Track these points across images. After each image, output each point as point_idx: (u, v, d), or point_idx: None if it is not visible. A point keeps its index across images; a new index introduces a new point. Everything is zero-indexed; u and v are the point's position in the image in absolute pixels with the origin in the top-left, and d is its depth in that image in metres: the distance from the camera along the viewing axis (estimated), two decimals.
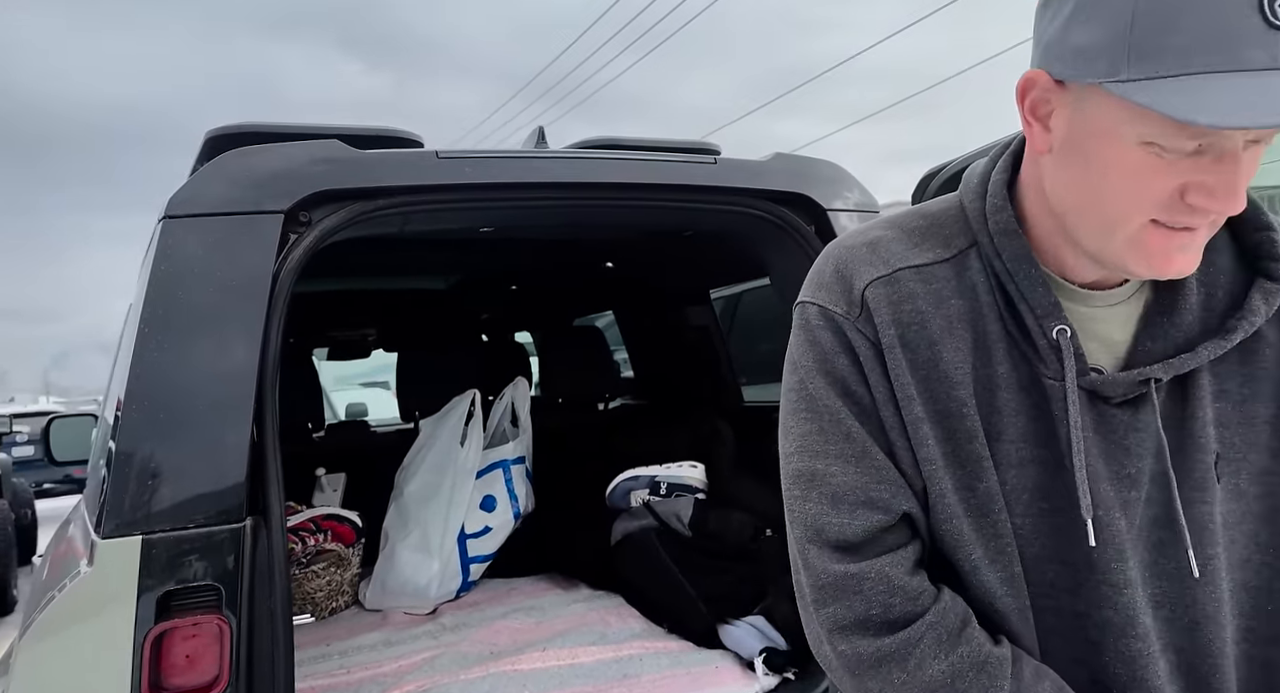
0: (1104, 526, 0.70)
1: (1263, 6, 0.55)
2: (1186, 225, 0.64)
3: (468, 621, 2.15)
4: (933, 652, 0.69)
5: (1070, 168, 0.67)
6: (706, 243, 2.37)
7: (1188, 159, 0.61)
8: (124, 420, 1.24)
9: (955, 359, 0.72)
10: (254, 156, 1.37)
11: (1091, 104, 0.63)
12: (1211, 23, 0.56)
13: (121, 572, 1.19)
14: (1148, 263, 0.66)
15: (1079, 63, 0.62)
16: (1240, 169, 0.61)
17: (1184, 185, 0.62)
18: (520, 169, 1.54)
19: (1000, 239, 0.72)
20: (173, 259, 1.29)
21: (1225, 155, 0.61)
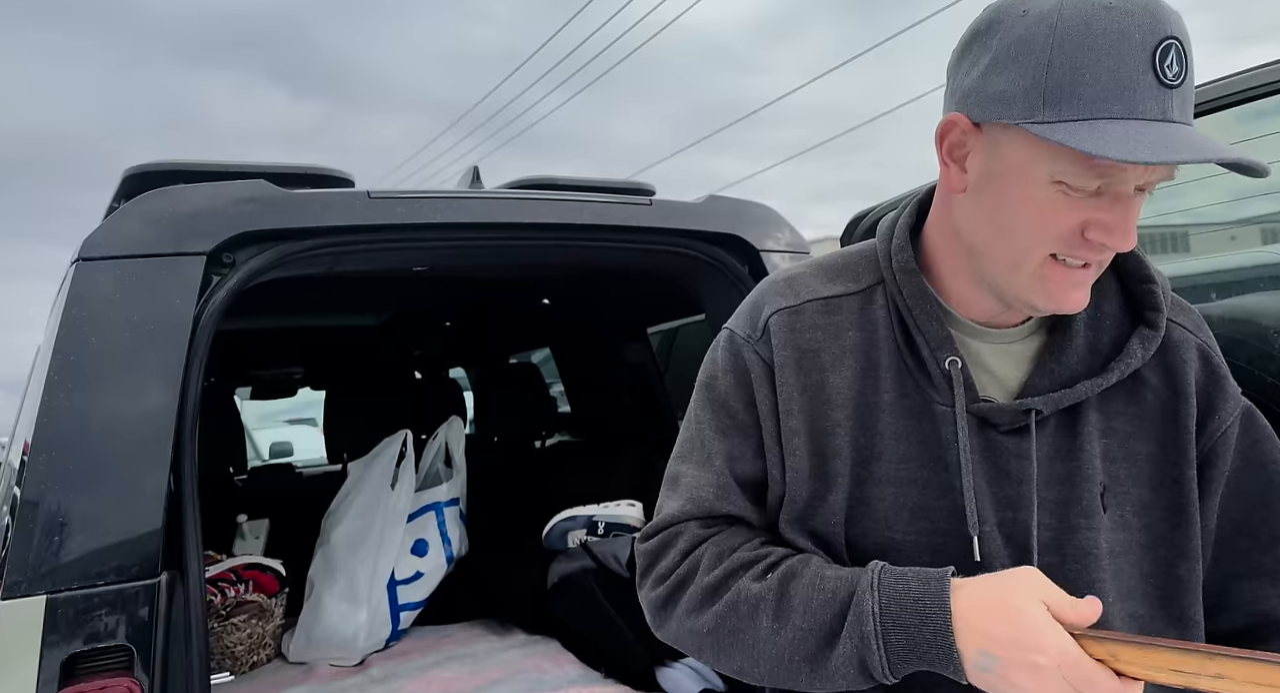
0: (987, 542, 0.75)
1: (1155, 67, 0.64)
2: (1084, 261, 0.71)
3: (397, 672, 2.08)
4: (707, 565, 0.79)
5: (983, 205, 0.73)
6: (642, 281, 2.39)
7: (1089, 199, 0.69)
8: (30, 469, 1.18)
9: (840, 384, 0.79)
10: (174, 196, 1.33)
11: (1007, 145, 0.70)
12: (1115, 77, 0.64)
13: (22, 634, 1.12)
14: (1047, 296, 0.73)
15: (998, 107, 0.69)
16: (1131, 210, 0.69)
17: (1085, 222, 0.69)
18: (454, 210, 1.53)
19: (901, 277, 0.80)
20: (86, 303, 1.24)
21: (1121, 196, 0.68)
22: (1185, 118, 0.66)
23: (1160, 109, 0.64)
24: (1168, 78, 0.64)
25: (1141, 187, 0.69)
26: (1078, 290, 0.72)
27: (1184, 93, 0.66)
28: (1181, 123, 0.65)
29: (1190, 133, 0.65)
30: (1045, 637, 0.63)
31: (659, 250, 1.78)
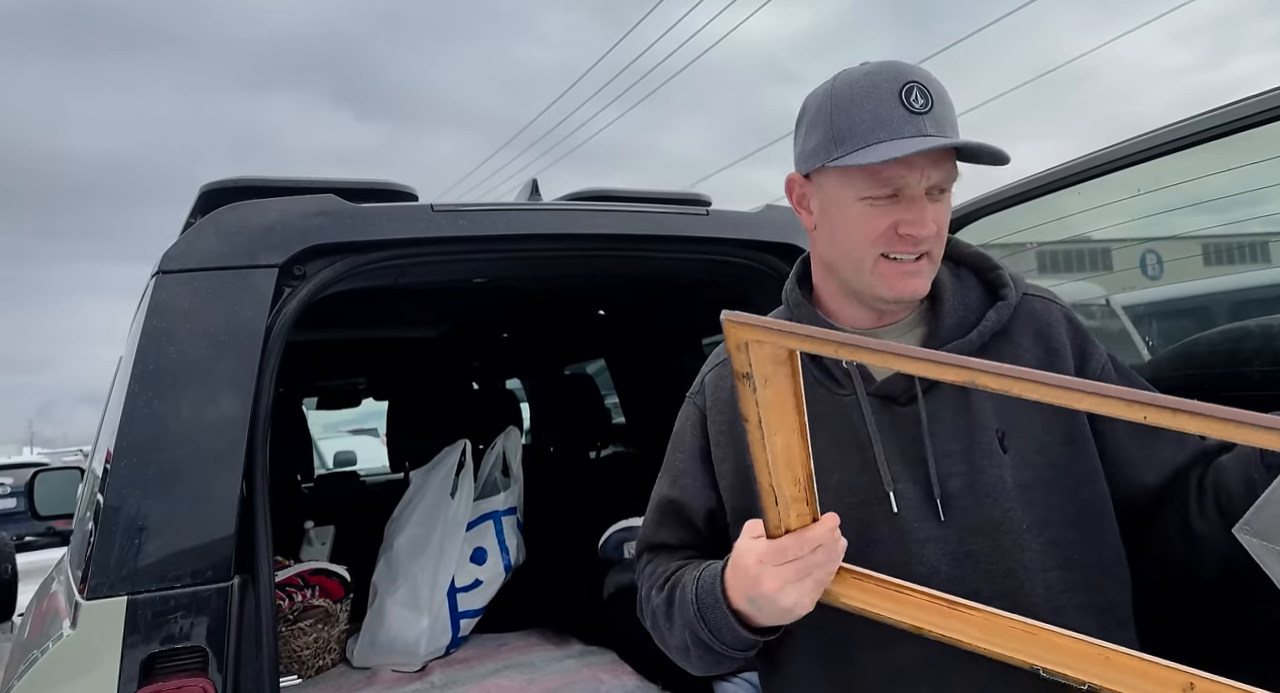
0: (902, 495, 0.91)
1: (902, 102, 0.89)
2: (910, 254, 0.92)
3: (458, 679, 2.10)
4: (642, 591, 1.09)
5: (826, 232, 0.98)
6: (698, 292, 2.38)
7: (892, 206, 0.91)
8: (112, 475, 1.22)
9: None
10: (248, 211, 1.37)
11: (826, 184, 0.96)
12: (875, 115, 0.90)
13: (105, 634, 1.16)
14: (889, 287, 0.94)
15: (812, 159, 0.96)
16: (926, 207, 0.91)
17: (894, 223, 0.92)
18: (514, 221, 1.56)
19: (795, 309, 1.04)
20: (165, 314, 1.29)
21: (915, 199, 0.91)
22: (940, 133, 0.89)
23: (915, 129, 0.88)
24: (915, 108, 0.89)
25: (932, 188, 0.90)
26: (913, 279, 0.93)
27: (935, 116, 0.89)
28: (935, 135, 0.88)
29: (939, 140, 0.87)
30: (742, 555, 0.85)
31: (716, 260, 1.78)
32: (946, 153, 0.89)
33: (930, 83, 0.91)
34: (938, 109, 0.90)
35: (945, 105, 0.91)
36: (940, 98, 0.91)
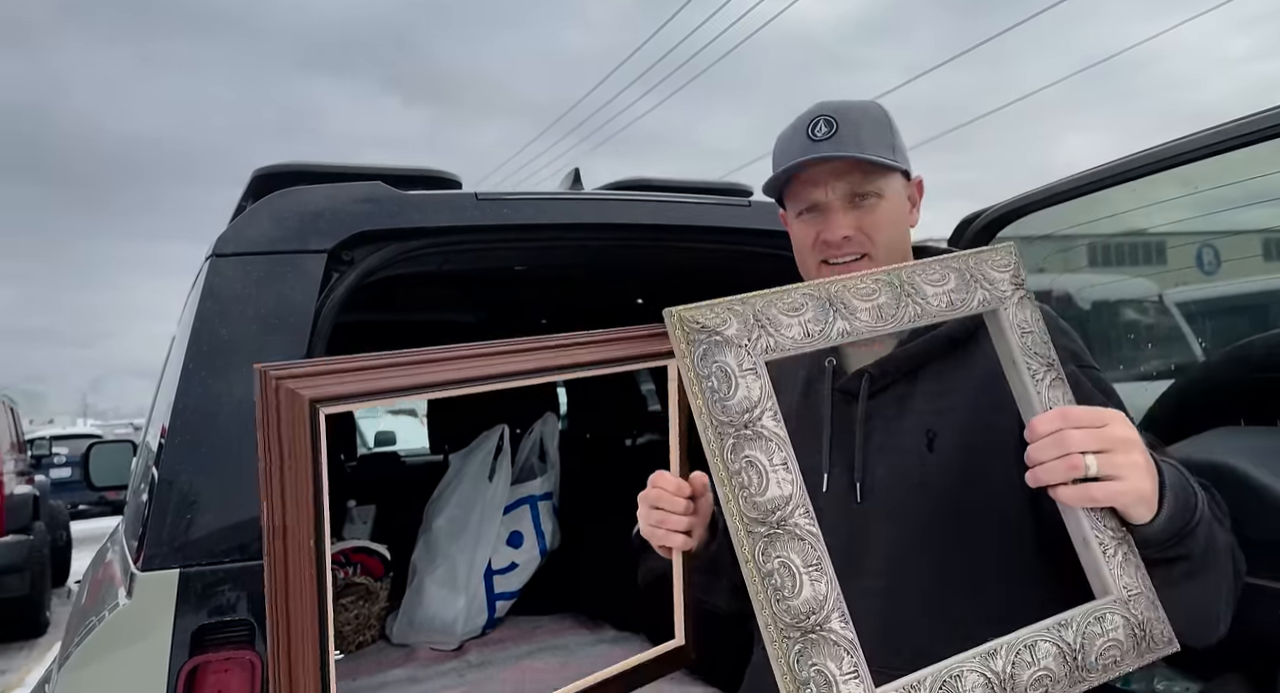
0: (833, 479, 1.06)
1: (807, 133, 1.06)
2: (839, 257, 1.06)
3: (493, 659, 2.14)
4: None
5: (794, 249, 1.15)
6: (737, 283, 2.38)
7: (814, 218, 1.08)
8: (166, 452, 1.27)
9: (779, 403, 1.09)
10: (299, 197, 1.40)
11: (787, 210, 1.15)
12: (785, 147, 1.09)
13: (159, 604, 1.20)
14: None
15: (772, 190, 1.15)
16: (838, 216, 1.06)
17: (817, 233, 1.08)
18: (557, 210, 1.57)
19: None
20: (218, 296, 1.32)
21: (830, 210, 1.07)
22: (838, 150, 1.03)
23: (816, 151, 1.04)
24: (816, 136, 1.05)
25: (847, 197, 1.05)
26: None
27: (836, 139, 1.04)
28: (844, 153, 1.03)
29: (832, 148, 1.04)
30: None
31: (756, 253, 1.77)
32: (850, 167, 1.04)
33: (841, 114, 1.05)
34: (842, 132, 1.04)
35: (855, 129, 1.04)
36: (850, 123, 1.05)
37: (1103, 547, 0.79)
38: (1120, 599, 0.79)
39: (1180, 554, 0.82)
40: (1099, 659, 0.77)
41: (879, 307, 0.83)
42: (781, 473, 0.75)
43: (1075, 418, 0.76)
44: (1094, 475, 0.75)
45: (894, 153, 1.06)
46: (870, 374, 1.07)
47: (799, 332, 0.80)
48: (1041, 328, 0.86)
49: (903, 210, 1.09)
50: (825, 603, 0.72)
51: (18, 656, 5.70)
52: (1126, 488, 0.76)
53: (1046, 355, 0.85)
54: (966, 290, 0.86)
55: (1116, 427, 0.77)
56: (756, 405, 0.76)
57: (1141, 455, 0.77)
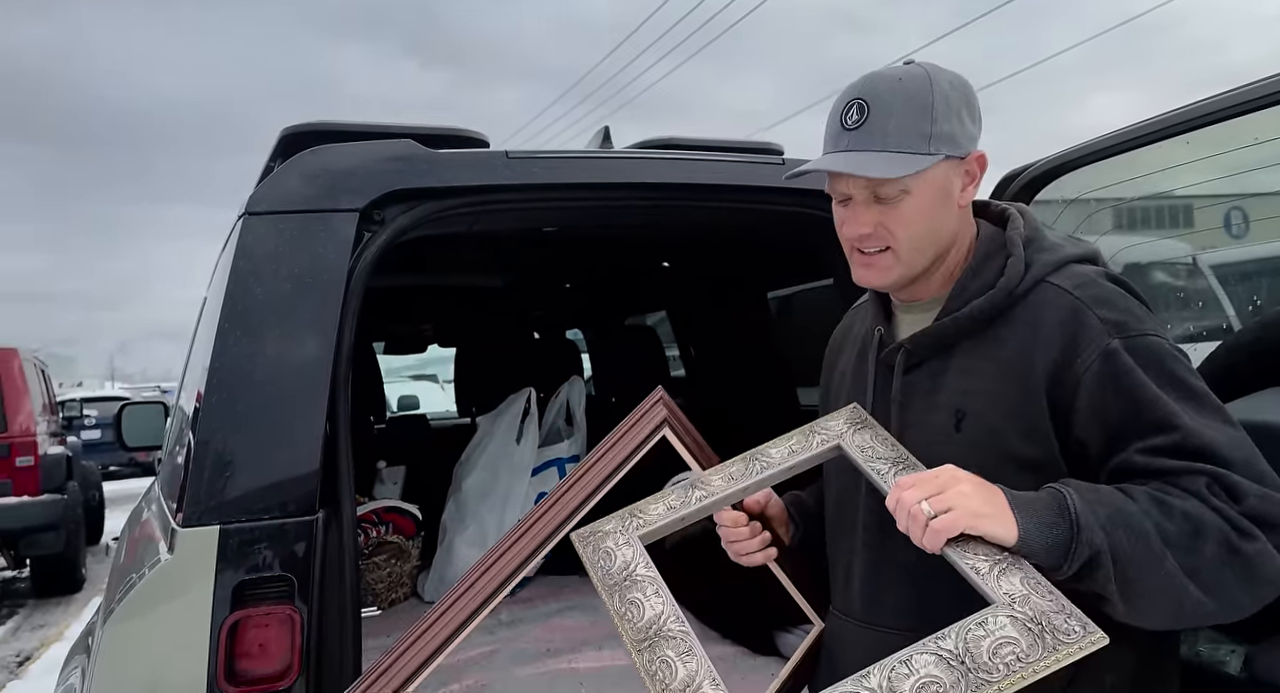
0: None
1: (840, 119, 1.03)
2: (864, 249, 1.05)
3: (524, 617, 2.17)
4: None
5: None
6: (766, 244, 2.35)
7: (844, 208, 1.06)
8: (203, 412, 1.27)
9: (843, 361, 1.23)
10: (330, 155, 1.39)
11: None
12: (828, 133, 1.05)
13: (200, 560, 1.22)
14: (856, 275, 1.09)
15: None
16: (859, 211, 1.04)
17: (844, 223, 1.07)
18: (587, 169, 1.55)
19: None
20: (251, 255, 1.32)
21: (855, 203, 1.04)
22: (862, 145, 1.00)
23: (843, 144, 1.02)
24: (847, 124, 1.02)
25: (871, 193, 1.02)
26: (867, 270, 1.07)
27: (864, 130, 1.00)
28: (852, 150, 1.01)
29: (853, 157, 1.01)
30: None
31: (789, 211, 1.74)
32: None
33: (875, 98, 1.01)
34: (874, 122, 1.00)
35: (886, 117, 1.00)
36: (882, 110, 1.00)
37: (975, 569, 0.88)
38: (1002, 604, 0.85)
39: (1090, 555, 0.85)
40: (994, 658, 0.82)
41: (730, 473, 1.11)
42: (654, 600, 1.01)
43: (904, 484, 0.91)
44: (932, 515, 0.87)
45: (929, 141, 0.99)
46: (907, 349, 1.07)
47: (662, 509, 1.11)
48: (876, 438, 1.05)
49: (938, 200, 1.02)
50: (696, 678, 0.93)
51: (56, 610, 5.86)
52: (961, 514, 0.86)
53: (888, 456, 1.03)
54: (807, 440, 1.11)
55: (940, 474, 0.90)
56: (630, 565, 1.06)
57: (970, 486, 0.88)
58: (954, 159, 1.02)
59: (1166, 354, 0.96)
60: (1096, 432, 0.94)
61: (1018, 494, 0.89)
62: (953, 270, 1.07)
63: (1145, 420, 0.92)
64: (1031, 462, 0.96)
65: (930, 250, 1.04)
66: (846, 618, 1.14)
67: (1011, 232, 1.07)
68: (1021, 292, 1.01)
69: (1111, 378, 0.93)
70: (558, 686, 1.76)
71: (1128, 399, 0.93)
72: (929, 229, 1.03)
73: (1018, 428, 0.97)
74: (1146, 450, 0.91)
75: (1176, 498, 0.88)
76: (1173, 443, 0.90)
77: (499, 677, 1.79)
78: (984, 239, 1.08)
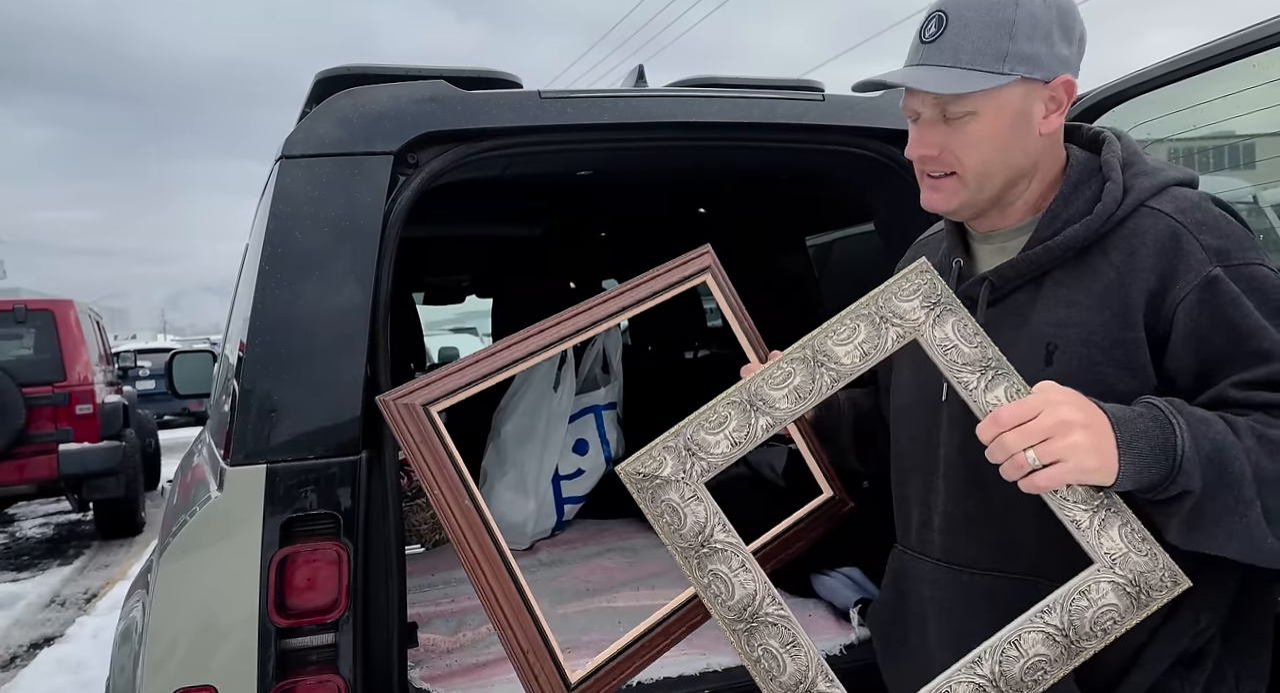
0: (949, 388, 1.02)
1: (921, 32, 1.00)
2: (930, 172, 1.03)
3: (563, 558, 2.21)
4: None
5: None
6: (805, 187, 2.30)
7: (914, 128, 1.03)
8: (248, 356, 1.30)
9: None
10: (362, 96, 1.38)
11: None
12: (912, 44, 1.02)
13: (249, 497, 1.26)
14: (923, 199, 1.05)
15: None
16: (924, 131, 1.01)
17: (910, 145, 1.04)
18: (622, 109, 1.51)
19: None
20: (289, 199, 1.32)
21: (924, 123, 1.01)
22: (934, 60, 0.97)
23: (917, 58, 0.99)
24: (925, 37, 0.99)
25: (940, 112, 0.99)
26: (932, 193, 1.04)
27: (939, 45, 0.97)
28: (926, 64, 0.98)
29: (919, 71, 0.98)
30: None
31: (832, 150, 1.70)
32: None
33: (956, 11, 0.96)
34: (950, 36, 0.96)
35: (962, 32, 0.95)
36: (960, 24, 0.95)
37: (1075, 522, 0.86)
38: (1104, 566, 0.86)
39: (1178, 493, 0.83)
40: (1095, 627, 0.85)
41: (795, 389, 0.95)
42: (742, 576, 0.92)
43: (1006, 420, 0.83)
44: (1036, 467, 0.81)
45: (1004, 60, 0.94)
46: (991, 282, 1.02)
47: (726, 446, 0.94)
48: (968, 336, 0.92)
49: (1012, 124, 0.97)
50: (808, 675, 0.87)
51: (119, 551, 6.13)
52: (1068, 469, 0.81)
53: (977, 360, 0.91)
54: (878, 335, 0.95)
55: (1046, 415, 0.82)
56: (705, 526, 0.92)
57: (1081, 432, 0.81)
58: (1035, 82, 0.96)
59: (1273, 284, 0.91)
60: (1190, 364, 0.91)
61: (1124, 422, 0.83)
62: (1038, 199, 1.03)
63: (1247, 350, 0.88)
64: (1128, 397, 0.92)
65: (1001, 178, 1.00)
66: (923, 556, 1.10)
67: (1108, 155, 1.01)
68: (1120, 217, 0.96)
69: (1212, 306, 0.89)
70: (597, 622, 1.79)
71: (1228, 329, 0.89)
72: (1000, 155, 0.98)
73: (1115, 359, 0.93)
74: (1243, 384, 0.88)
75: (1278, 431, 0.85)
76: (1269, 373, 0.87)
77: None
78: (1075, 165, 1.02)
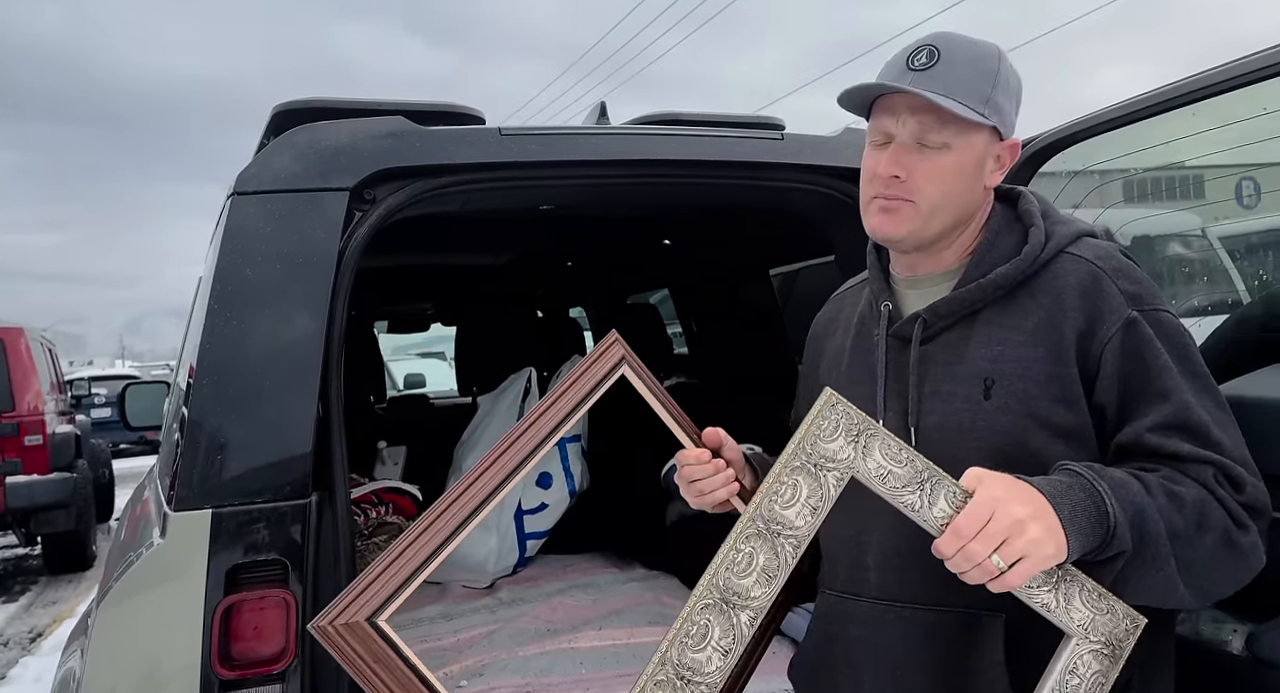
0: (889, 424, 1.02)
1: (907, 61, 1.01)
2: (883, 195, 1.02)
3: (525, 596, 2.17)
4: None
5: None
6: (767, 221, 2.31)
7: (881, 150, 1.02)
8: (194, 396, 1.26)
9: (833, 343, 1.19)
10: (319, 132, 1.36)
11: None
12: (889, 70, 1.03)
13: (192, 544, 1.22)
14: (869, 224, 1.05)
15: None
16: (899, 153, 1.00)
17: (876, 164, 1.03)
18: (583, 146, 1.52)
19: (869, 258, 1.15)
20: (241, 236, 1.30)
21: (895, 145, 1.01)
22: (924, 86, 0.97)
23: (906, 82, 0.98)
24: (914, 66, 0.99)
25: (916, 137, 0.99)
26: (882, 215, 1.03)
27: (932, 74, 0.98)
28: (913, 90, 0.97)
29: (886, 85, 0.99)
30: None
31: (790, 188, 1.71)
32: (928, 106, 0.97)
33: (948, 50, 0.99)
34: (941, 69, 0.98)
35: (953, 68, 0.98)
36: (951, 62, 0.98)
37: (1044, 606, 0.88)
38: (1080, 639, 0.89)
39: (1113, 554, 0.88)
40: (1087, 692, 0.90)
41: (762, 570, 0.88)
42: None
43: (965, 531, 0.84)
44: (1003, 569, 0.84)
45: (985, 106, 0.98)
46: (925, 319, 1.05)
47: (718, 659, 0.87)
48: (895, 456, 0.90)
49: (973, 169, 1.01)
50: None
51: (67, 587, 5.93)
52: (1034, 563, 0.85)
53: (912, 478, 0.89)
54: (820, 486, 0.90)
55: (1000, 516, 0.84)
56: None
57: (1034, 525, 0.84)
58: (995, 136, 1.02)
59: (1178, 331, 0.99)
60: (1113, 400, 0.97)
61: (1060, 499, 0.87)
62: (967, 246, 1.07)
63: (1154, 389, 0.95)
64: (1065, 429, 0.97)
65: (950, 216, 1.03)
66: (857, 597, 1.10)
67: (1026, 206, 1.08)
68: (1044, 260, 1.02)
69: (1131, 347, 0.96)
70: (558, 663, 1.76)
71: (1143, 369, 0.95)
72: (956, 193, 1.02)
73: (1051, 394, 0.97)
74: (1157, 428, 0.94)
75: (1186, 487, 0.91)
76: (1173, 414, 0.94)
77: (498, 657, 1.80)
78: (995, 215, 1.08)
